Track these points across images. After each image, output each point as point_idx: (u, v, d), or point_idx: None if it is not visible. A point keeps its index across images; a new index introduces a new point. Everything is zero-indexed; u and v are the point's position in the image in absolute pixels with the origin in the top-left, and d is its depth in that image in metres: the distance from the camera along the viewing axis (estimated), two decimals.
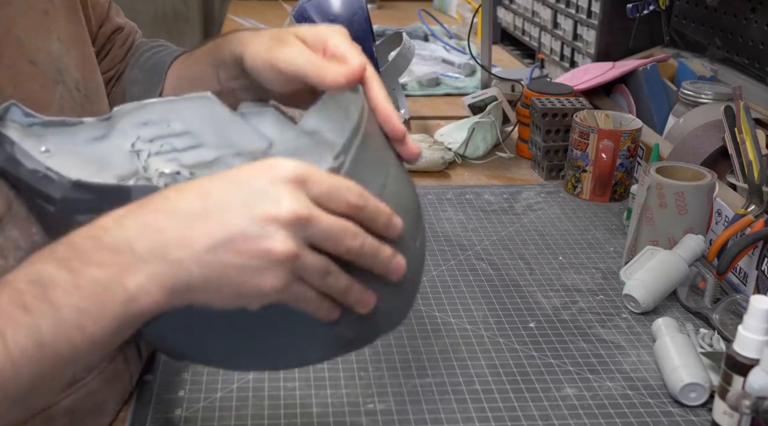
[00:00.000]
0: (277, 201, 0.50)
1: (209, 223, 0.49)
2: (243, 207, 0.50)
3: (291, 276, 0.51)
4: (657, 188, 0.99)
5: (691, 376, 0.78)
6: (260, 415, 0.76)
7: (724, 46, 1.36)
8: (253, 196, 0.50)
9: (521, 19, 1.94)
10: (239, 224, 0.49)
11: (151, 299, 0.49)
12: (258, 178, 0.51)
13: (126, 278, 0.49)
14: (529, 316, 0.93)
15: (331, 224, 0.51)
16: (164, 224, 0.49)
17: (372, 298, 0.55)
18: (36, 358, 0.49)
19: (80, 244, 0.50)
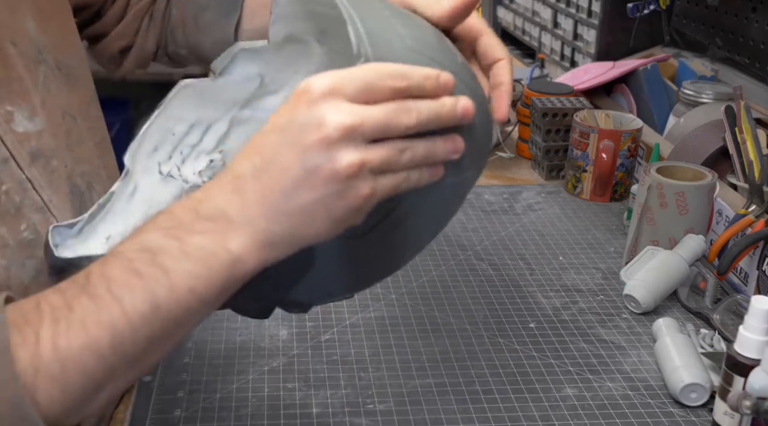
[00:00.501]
0: (319, 124, 0.50)
1: (272, 175, 0.51)
2: (292, 146, 0.51)
3: (372, 178, 0.52)
4: (657, 188, 0.99)
5: (691, 376, 0.78)
6: (260, 416, 0.76)
7: (725, 46, 1.36)
8: (296, 131, 0.51)
9: (521, 18, 1.94)
10: (296, 163, 0.51)
11: (255, 257, 0.52)
12: (293, 111, 0.51)
13: (228, 242, 0.51)
14: (529, 317, 0.93)
15: (379, 119, 0.51)
16: (241, 187, 0.52)
17: (457, 139, 0.55)
18: (152, 320, 0.51)
19: (180, 214, 0.53)
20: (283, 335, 0.88)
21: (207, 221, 0.52)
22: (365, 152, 0.51)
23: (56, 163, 0.69)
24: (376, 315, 0.92)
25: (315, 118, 0.50)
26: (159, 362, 0.66)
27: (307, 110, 0.51)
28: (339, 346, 0.86)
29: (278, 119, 0.52)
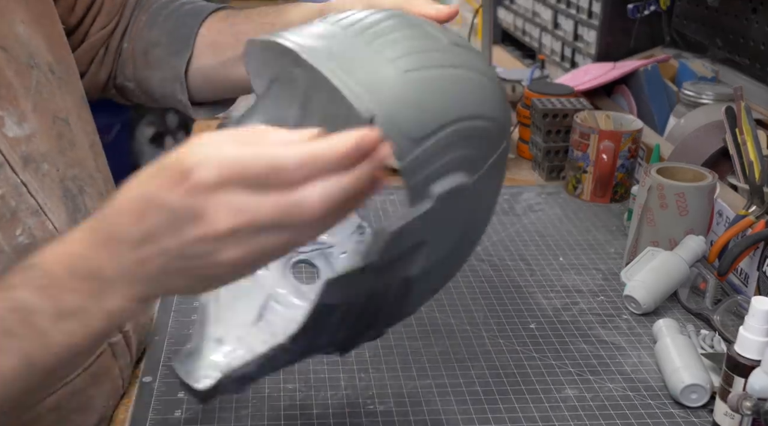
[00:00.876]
0: (205, 220, 0.47)
1: (152, 252, 0.49)
2: (173, 232, 0.48)
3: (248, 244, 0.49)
4: (658, 189, 0.99)
5: (692, 377, 0.78)
6: (260, 416, 0.76)
7: (725, 47, 1.36)
8: (179, 218, 0.48)
9: (522, 19, 1.94)
10: (175, 251, 0.49)
11: (131, 311, 0.52)
12: (173, 192, 0.48)
13: (104, 303, 0.51)
14: (529, 317, 0.93)
15: (273, 214, 0.47)
16: (119, 252, 0.50)
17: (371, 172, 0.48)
18: (26, 376, 0.52)
19: (55, 272, 0.51)
20: None
21: (82, 280, 0.51)
22: (250, 244, 0.48)
23: (48, 167, 0.69)
24: None
25: (200, 212, 0.47)
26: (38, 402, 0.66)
27: (190, 200, 0.47)
28: None
29: (157, 192, 0.48)
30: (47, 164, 0.69)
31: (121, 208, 0.50)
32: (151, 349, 0.84)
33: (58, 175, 0.70)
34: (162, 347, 0.85)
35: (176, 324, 0.89)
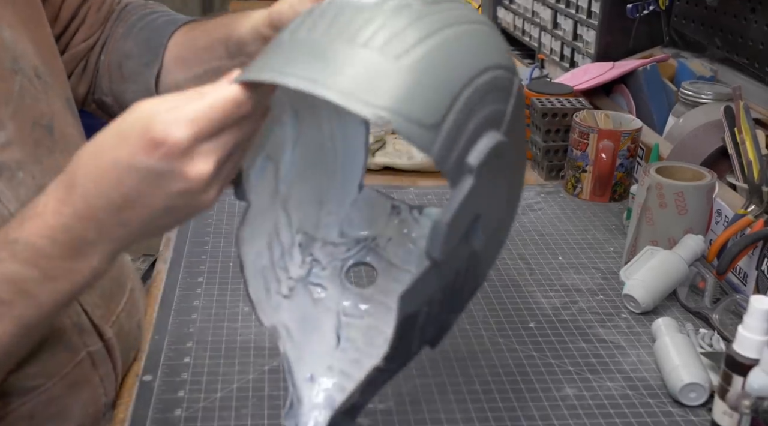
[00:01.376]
0: (185, 178, 0.53)
1: (134, 212, 0.55)
2: (154, 189, 0.54)
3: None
4: (657, 188, 0.99)
5: (690, 376, 0.78)
6: (260, 415, 0.76)
7: (724, 46, 1.36)
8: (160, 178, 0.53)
9: (521, 19, 1.94)
10: (159, 204, 0.55)
11: (112, 262, 0.59)
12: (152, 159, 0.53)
13: (88, 261, 0.57)
14: (528, 316, 0.93)
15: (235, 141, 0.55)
16: (99, 218, 0.55)
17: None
18: (20, 337, 0.59)
19: (39, 244, 0.56)
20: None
21: (66, 248, 0.56)
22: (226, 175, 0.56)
23: (23, 176, 0.68)
24: None
25: (182, 169, 0.53)
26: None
27: (171, 161, 0.53)
28: None
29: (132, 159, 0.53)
30: (22, 172, 0.68)
31: (95, 175, 0.54)
32: (151, 348, 0.85)
33: (35, 183, 0.68)
34: (162, 347, 0.85)
35: (176, 323, 0.89)
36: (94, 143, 0.55)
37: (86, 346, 0.73)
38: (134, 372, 0.81)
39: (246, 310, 0.91)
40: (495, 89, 0.56)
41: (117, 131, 0.54)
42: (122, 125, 0.54)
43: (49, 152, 0.72)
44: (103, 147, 0.54)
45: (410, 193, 1.24)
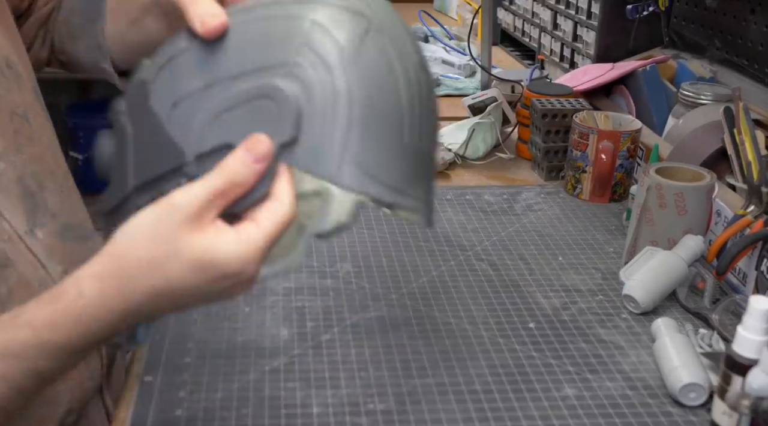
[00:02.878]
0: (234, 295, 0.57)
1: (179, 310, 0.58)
2: (205, 298, 0.57)
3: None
4: (656, 189, 0.99)
5: (690, 376, 0.78)
6: (261, 415, 0.76)
7: (724, 48, 1.36)
8: (222, 295, 0.57)
9: (521, 20, 1.94)
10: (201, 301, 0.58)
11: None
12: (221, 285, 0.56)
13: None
14: (528, 317, 0.93)
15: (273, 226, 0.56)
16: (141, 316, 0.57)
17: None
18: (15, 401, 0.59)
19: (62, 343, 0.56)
20: (284, 335, 0.88)
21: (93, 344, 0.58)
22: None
23: (4, 166, 0.68)
24: (377, 315, 0.92)
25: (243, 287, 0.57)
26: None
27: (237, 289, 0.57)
28: (340, 346, 0.86)
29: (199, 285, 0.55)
30: (3, 162, 0.68)
31: (146, 291, 0.55)
32: (152, 348, 0.85)
33: (16, 173, 0.69)
34: (163, 346, 0.85)
35: (176, 323, 0.89)
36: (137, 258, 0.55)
37: None
38: (135, 372, 0.82)
39: (246, 310, 0.92)
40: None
41: (194, 260, 0.55)
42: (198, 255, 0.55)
43: (29, 141, 0.72)
44: (155, 265, 0.55)
45: None
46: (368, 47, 0.58)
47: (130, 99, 0.61)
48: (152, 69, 0.61)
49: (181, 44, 0.60)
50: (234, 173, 0.55)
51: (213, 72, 0.58)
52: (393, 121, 0.58)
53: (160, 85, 0.60)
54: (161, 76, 0.60)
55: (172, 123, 0.58)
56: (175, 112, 0.58)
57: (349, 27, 0.58)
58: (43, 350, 0.56)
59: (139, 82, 0.61)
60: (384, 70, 0.59)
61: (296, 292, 0.96)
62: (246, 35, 0.59)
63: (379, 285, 0.99)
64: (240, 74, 0.57)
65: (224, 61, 0.58)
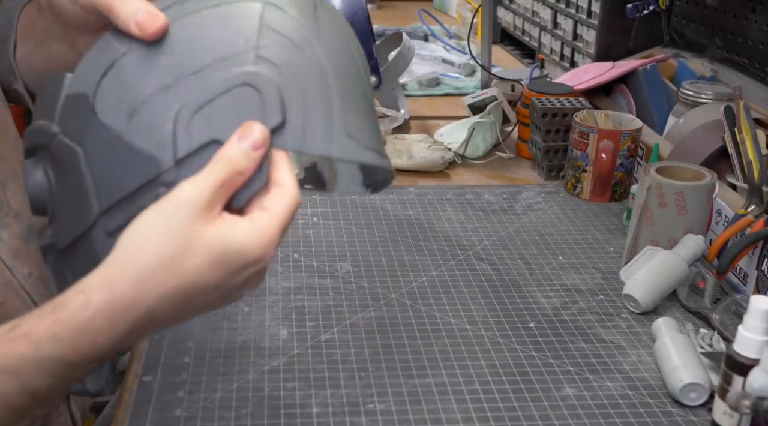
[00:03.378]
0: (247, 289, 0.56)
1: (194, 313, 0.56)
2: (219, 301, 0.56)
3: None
4: (657, 188, 0.99)
5: (690, 376, 0.78)
6: (260, 415, 0.76)
7: (724, 46, 1.36)
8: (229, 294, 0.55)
9: (521, 19, 1.94)
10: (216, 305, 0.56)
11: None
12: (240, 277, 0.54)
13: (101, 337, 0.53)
14: (528, 316, 0.93)
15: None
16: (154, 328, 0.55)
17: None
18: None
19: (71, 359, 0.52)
20: (284, 335, 0.88)
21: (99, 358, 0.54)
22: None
23: None
24: (376, 315, 0.92)
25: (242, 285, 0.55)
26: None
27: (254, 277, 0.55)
28: (339, 346, 0.86)
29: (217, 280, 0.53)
30: None
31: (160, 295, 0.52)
32: (151, 348, 0.85)
33: None
34: (162, 347, 0.85)
35: None
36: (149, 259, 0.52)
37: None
38: (134, 372, 0.81)
39: (246, 310, 0.92)
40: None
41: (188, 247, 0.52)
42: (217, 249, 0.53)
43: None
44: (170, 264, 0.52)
45: (410, 193, 1.24)
46: (321, 19, 0.58)
47: (67, 117, 0.55)
48: (85, 81, 0.55)
49: (117, 49, 0.55)
50: (235, 162, 0.53)
51: (168, 71, 0.54)
52: (360, 87, 0.59)
53: (105, 96, 0.54)
54: (103, 85, 0.55)
55: (133, 133, 0.53)
56: (134, 121, 0.53)
57: (299, 3, 0.57)
58: (42, 366, 0.51)
59: (73, 96, 0.56)
60: (340, 39, 0.58)
61: (296, 292, 0.96)
62: (192, 27, 0.55)
63: (379, 285, 0.98)
64: (202, 68, 0.54)
65: (178, 57, 0.54)
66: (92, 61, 0.56)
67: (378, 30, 1.94)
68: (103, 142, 0.54)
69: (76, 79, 0.56)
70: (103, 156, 0.54)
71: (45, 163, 0.57)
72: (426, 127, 1.50)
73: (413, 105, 1.62)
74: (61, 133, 0.55)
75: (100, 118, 0.54)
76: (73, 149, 0.55)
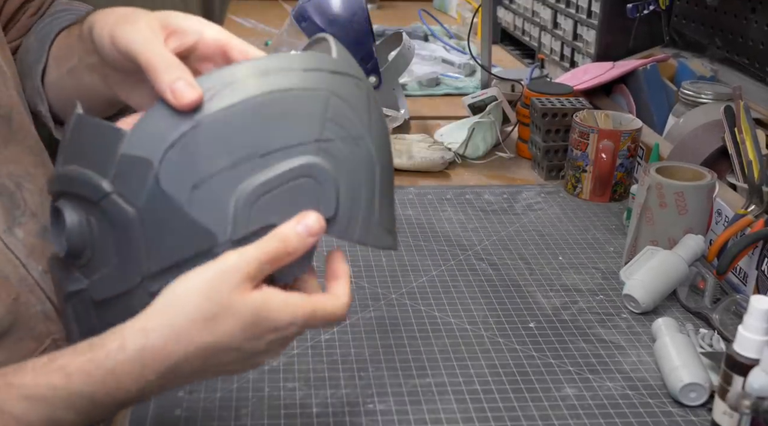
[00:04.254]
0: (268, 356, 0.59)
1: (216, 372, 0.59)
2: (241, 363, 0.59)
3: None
4: (657, 188, 0.99)
5: (690, 376, 0.78)
6: (260, 415, 0.76)
7: (724, 46, 1.36)
8: (250, 358, 0.58)
9: (521, 19, 1.94)
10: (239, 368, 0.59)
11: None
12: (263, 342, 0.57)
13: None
14: (528, 316, 0.93)
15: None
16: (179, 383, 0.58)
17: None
18: None
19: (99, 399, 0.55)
20: None
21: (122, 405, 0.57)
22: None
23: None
24: (376, 315, 0.92)
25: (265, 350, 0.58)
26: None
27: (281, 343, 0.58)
28: (339, 346, 0.86)
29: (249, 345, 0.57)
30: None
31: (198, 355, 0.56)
32: None
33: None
34: None
35: None
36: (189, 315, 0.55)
37: (51, 334, 0.73)
38: None
39: None
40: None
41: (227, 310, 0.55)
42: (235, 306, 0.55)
43: (5, 141, 0.71)
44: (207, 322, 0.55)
45: (410, 193, 1.24)
46: (373, 110, 0.61)
47: (124, 177, 0.56)
48: (149, 147, 0.55)
49: (185, 121, 0.55)
50: (287, 241, 0.56)
51: (236, 151, 0.55)
52: (392, 175, 0.63)
53: (171, 166, 0.55)
54: (169, 156, 0.55)
55: (194, 205, 0.55)
56: (196, 194, 0.55)
57: (357, 93, 0.60)
58: (70, 400, 0.54)
59: (133, 158, 0.55)
60: (384, 131, 0.62)
61: None
62: (261, 109, 0.56)
63: (379, 285, 0.98)
64: (269, 152, 0.56)
65: (246, 139, 0.55)
66: (156, 127, 0.56)
67: (378, 30, 1.94)
68: (162, 211, 0.55)
69: (136, 139, 0.56)
70: (159, 223, 0.55)
71: (87, 212, 0.57)
72: (426, 127, 1.50)
73: (413, 105, 1.62)
74: (116, 193, 0.55)
75: (163, 186, 0.55)
76: (127, 211, 0.55)
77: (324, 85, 0.58)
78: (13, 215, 0.70)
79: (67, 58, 0.74)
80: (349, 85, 0.59)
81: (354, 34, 1.33)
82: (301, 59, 0.58)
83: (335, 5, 1.33)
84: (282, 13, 2.39)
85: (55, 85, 0.78)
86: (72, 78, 0.75)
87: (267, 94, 0.56)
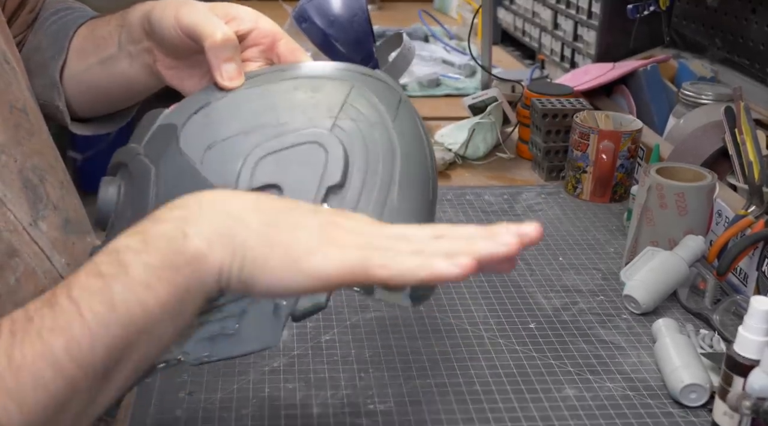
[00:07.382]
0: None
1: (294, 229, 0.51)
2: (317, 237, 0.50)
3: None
4: (657, 189, 0.99)
5: (691, 376, 0.78)
6: (260, 416, 0.76)
7: (725, 47, 1.36)
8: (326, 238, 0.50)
9: (521, 19, 1.94)
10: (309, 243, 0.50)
11: (215, 255, 0.49)
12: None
13: (188, 227, 0.49)
14: (529, 317, 0.93)
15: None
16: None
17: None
18: (109, 322, 0.48)
19: (153, 212, 0.52)
20: (284, 336, 0.88)
21: (176, 209, 0.51)
22: None
23: (5, 159, 0.68)
24: (377, 315, 0.92)
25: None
26: (127, 389, 0.54)
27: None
28: (339, 347, 0.86)
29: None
30: (5, 155, 0.68)
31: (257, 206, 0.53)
32: None
33: (17, 165, 0.69)
34: None
35: None
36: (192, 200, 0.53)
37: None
38: None
39: None
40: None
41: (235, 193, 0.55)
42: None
43: (29, 135, 0.72)
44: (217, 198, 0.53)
45: None
46: (402, 112, 0.63)
47: (153, 141, 0.61)
48: (179, 115, 0.62)
49: (216, 93, 0.63)
50: None
51: (252, 120, 0.59)
52: (422, 179, 0.63)
53: (191, 128, 0.60)
54: (193, 120, 0.61)
55: (204, 165, 0.58)
56: (208, 155, 0.58)
57: (386, 94, 0.63)
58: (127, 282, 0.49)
59: (165, 126, 0.62)
60: (416, 133, 0.64)
61: None
62: (287, 89, 0.61)
63: None
64: (284, 123, 0.59)
65: (265, 111, 0.60)
66: (191, 100, 0.63)
67: (378, 31, 1.94)
68: (176, 167, 0.59)
69: (172, 112, 0.63)
70: (172, 179, 0.59)
71: (121, 180, 0.62)
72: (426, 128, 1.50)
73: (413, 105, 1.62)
74: (143, 154, 0.60)
75: (181, 145, 0.59)
76: (148, 167, 0.60)
77: (350, 79, 0.62)
78: (37, 209, 0.71)
79: (98, 50, 0.77)
80: (378, 85, 0.63)
81: (354, 35, 1.33)
82: (335, 64, 0.65)
83: (336, 6, 1.33)
84: (282, 13, 2.39)
85: (73, 78, 0.81)
86: (103, 68, 0.78)
87: (294, 80, 0.62)
